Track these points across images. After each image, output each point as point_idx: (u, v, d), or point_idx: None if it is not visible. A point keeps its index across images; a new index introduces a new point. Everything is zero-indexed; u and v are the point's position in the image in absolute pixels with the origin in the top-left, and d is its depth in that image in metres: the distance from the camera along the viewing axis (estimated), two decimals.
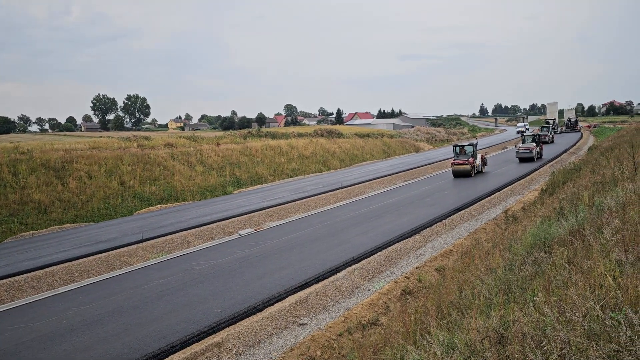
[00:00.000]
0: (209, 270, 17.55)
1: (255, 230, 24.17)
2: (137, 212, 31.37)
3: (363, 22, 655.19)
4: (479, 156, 40.66)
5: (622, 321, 4.56)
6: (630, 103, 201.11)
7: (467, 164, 38.53)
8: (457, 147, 40.71)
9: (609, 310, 4.90)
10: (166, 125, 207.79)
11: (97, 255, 20.30)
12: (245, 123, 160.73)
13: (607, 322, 4.67)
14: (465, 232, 21.99)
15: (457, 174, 39.05)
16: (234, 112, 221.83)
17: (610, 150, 31.35)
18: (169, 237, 22.97)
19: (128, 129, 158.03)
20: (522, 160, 46.23)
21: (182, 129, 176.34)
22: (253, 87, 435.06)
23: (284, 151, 52.16)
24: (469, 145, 40.81)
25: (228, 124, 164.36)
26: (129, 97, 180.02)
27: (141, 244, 21.87)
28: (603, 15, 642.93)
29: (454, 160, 39.62)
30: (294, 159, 50.97)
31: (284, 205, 29.50)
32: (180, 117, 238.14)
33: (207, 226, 24.79)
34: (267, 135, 65.71)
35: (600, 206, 11.29)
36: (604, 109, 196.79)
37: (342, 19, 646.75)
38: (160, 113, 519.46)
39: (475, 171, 39.66)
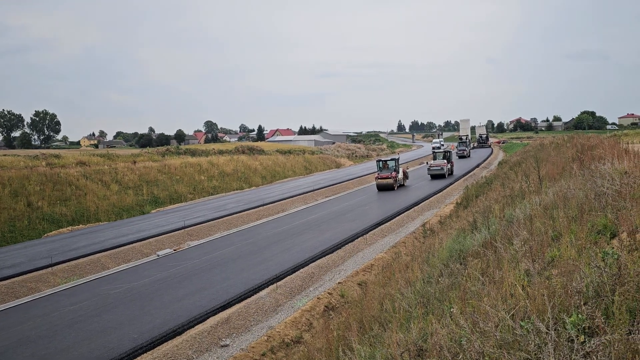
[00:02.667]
0: (126, 294, 16.82)
1: (175, 250, 23.54)
2: (46, 235, 29.59)
3: (282, 40, 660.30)
4: (400, 170, 42.43)
5: (530, 330, 4.79)
6: (534, 120, 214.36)
7: (390, 178, 40.15)
8: (381, 162, 42.28)
9: (519, 320, 5.13)
10: (78, 143, 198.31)
11: (0, 283, 18.92)
12: (163, 140, 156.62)
13: (517, 332, 4.89)
14: (386, 246, 22.46)
15: (381, 188, 40.56)
16: (151, 129, 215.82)
17: (518, 164, 33.21)
18: (81, 260, 21.84)
19: (36, 147, 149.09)
20: (434, 177, 46.83)
21: (96, 146, 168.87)
22: (171, 103, 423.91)
23: (204, 169, 51.28)
24: (392, 160, 42.46)
25: (145, 141, 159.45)
26: (36, 113, 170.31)
27: (50, 268, 20.62)
28: (508, 39, 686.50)
29: (378, 174, 41.12)
30: (214, 177, 50.21)
31: (204, 224, 28.92)
32: (93, 134, 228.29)
33: (123, 247, 23.83)
34: (187, 153, 64.45)
35: (510, 218, 11.89)
36: (511, 126, 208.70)
37: (260, 36, 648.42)
38: (71, 130, 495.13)
39: (398, 185, 41.23)
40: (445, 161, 47.91)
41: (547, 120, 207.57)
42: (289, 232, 25.70)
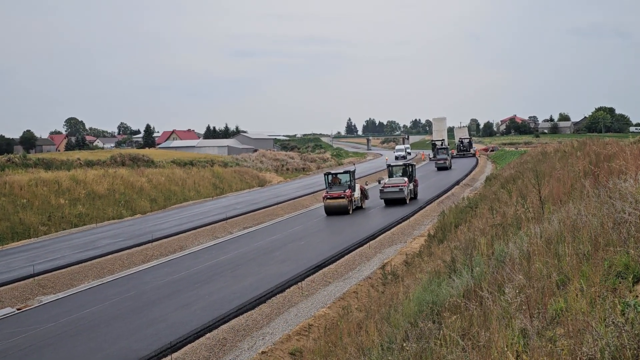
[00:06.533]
0: None
1: (19, 309, 22.98)
2: None
3: (178, 3, 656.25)
4: (357, 187, 42.89)
5: None
6: (534, 119, 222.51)
7: (343, 198, 40.60)
8: (330, 176, 43.08)
9: None
10: None
11: None
12: (2, 146, 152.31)
13: None
14: (330, 298, 22.54)
15: (331, 211, 40.97)
16: None
17: (512, 181, 34.21)
18: None
19: None
20: (389, 202, 45.06)
21: None
22: (15, 93, 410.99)
23: (65, 188, 50.25)
24: (345, 173, 43.21)
25: None
26: None
27: None
28: (499, 11, 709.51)
29: (327, 192, 41.61)
30: (80, 200, 49.28)
31: (64, 270, 28.36)
32: None
33: None
34: (39, 164, 62.93)
35: (501, 256, 12.22)
36: (503, 127, 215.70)
37: None
38: None
39: (354, 206, 41.80)
40: (406, 179, 45.95)
41: (551, 120, 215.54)
42: (190, 280, 25.47)
